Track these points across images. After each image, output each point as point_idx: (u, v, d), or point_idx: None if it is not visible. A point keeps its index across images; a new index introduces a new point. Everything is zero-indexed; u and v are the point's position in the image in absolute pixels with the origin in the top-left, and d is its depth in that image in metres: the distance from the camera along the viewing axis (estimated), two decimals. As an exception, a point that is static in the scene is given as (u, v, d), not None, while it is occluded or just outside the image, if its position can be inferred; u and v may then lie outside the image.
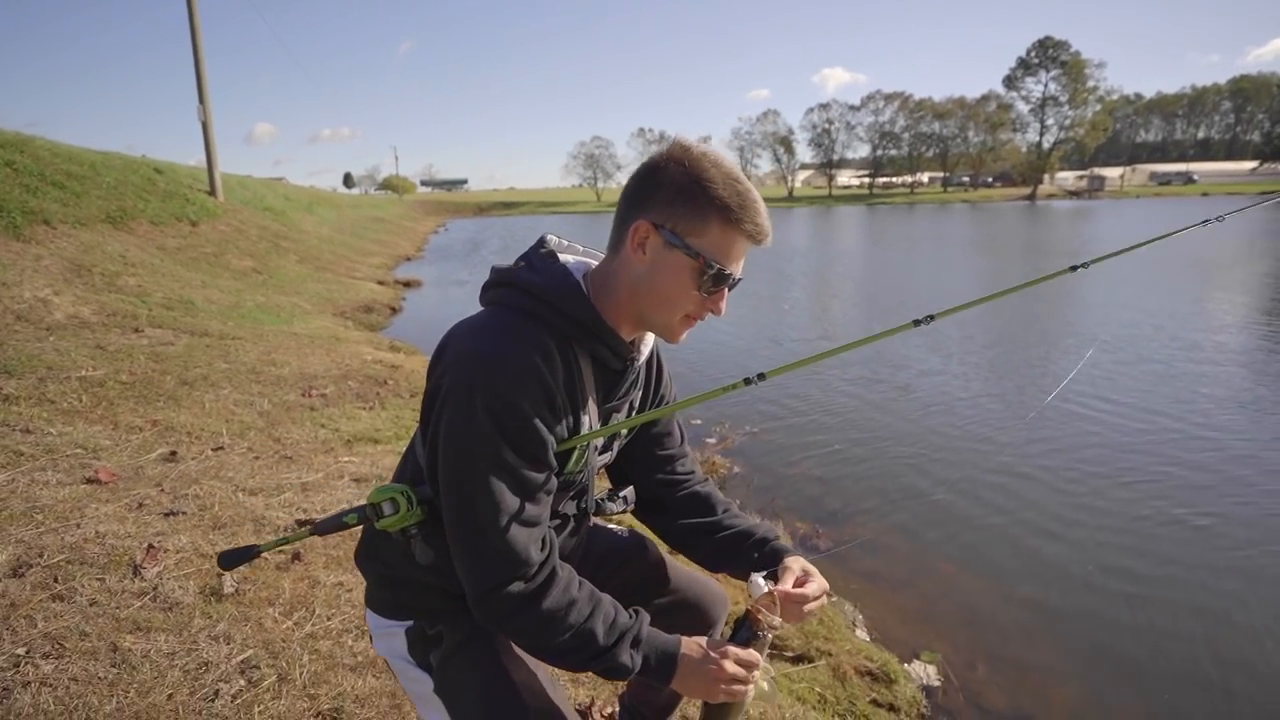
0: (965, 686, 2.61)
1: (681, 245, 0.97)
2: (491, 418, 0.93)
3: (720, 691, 1.00)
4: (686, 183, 0.96)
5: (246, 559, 1.16)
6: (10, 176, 8.01)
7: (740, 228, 0.98)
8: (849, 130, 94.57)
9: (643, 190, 0.99)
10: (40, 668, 1.62)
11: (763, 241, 1.01)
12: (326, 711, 1.66)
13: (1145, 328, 8.70)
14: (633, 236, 0.99)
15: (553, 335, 1.00)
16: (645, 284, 1.00)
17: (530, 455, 0.96)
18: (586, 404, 1.05)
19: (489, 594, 0.96)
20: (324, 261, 13.69)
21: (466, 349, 0.98)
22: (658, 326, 1.05)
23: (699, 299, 1.01)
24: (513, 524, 0.95)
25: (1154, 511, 3.97)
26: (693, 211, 0.96)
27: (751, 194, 0.98)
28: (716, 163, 0.97)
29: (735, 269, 1.01)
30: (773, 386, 6.58)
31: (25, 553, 2.10)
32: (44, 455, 2.94)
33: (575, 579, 1.02)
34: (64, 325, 5.14)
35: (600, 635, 0.98)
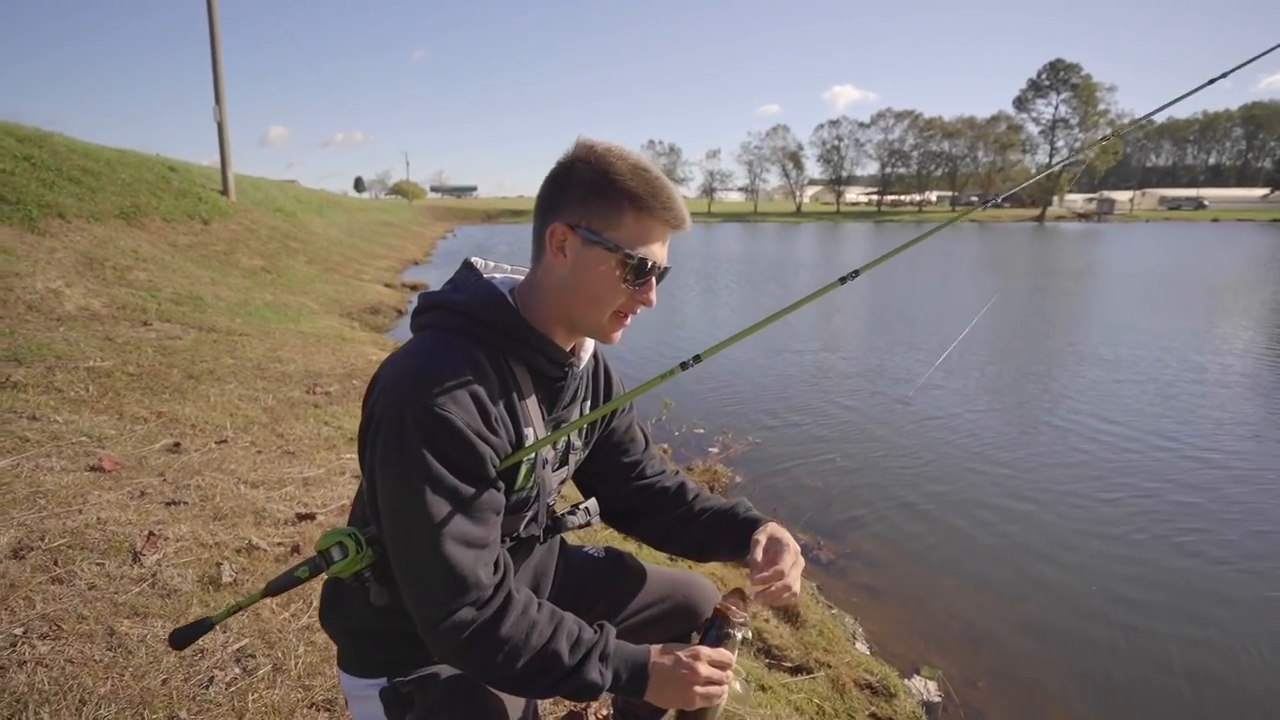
0: (966, 703, 2.58)
1: (599, 240, 0.96)
2: (424, 435, 0.89)
3: (696, 696, 0.96)
4: (595, 178, 0.95)
5: (200, 634, 1.08)
6: (28, 170, 8.11)
7: (654, 214, 0.97)
8: (858, 147, 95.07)
9: (554, 194, 0.99)
10: (37, 648, 1.62)
11: (680, 226, 1.00)
12: (320, 703, 1.65)
13: (1152, 348, 8.66)
14: (551, 241, 0.98)
15: (484, 349, 0.98)
16: (570, 286, 0.99)
17: (468, 472, 0.92)
18: (528, 416, 1.02)
19: (440, 624, 0.90)
20: (332, 263, 13.78)
21: (395, 372, 0.95)
22: (589, 327, 1.03)
23: (626, 292, 0.99)
24: (456, 545, 0.90)
25: (1158, 533, 3.93)
26: (605, 206, 0.96)
27: (660, 180, 0.97)
28: (622, 155, 0.97)
29: (658, 257, 1.00)
30: (776, 399, 6.57)
31: (26, 536, 2.10)
32: (49, 442, 2.95)
33: (533, 601, 0.98)
34: (74, 316, 5.18)
35: (565, 655, 0.94)
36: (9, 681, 1.51)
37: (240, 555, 2.26)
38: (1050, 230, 51.26)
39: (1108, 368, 7.73)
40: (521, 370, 1.03)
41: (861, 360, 8.44)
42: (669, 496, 1.28)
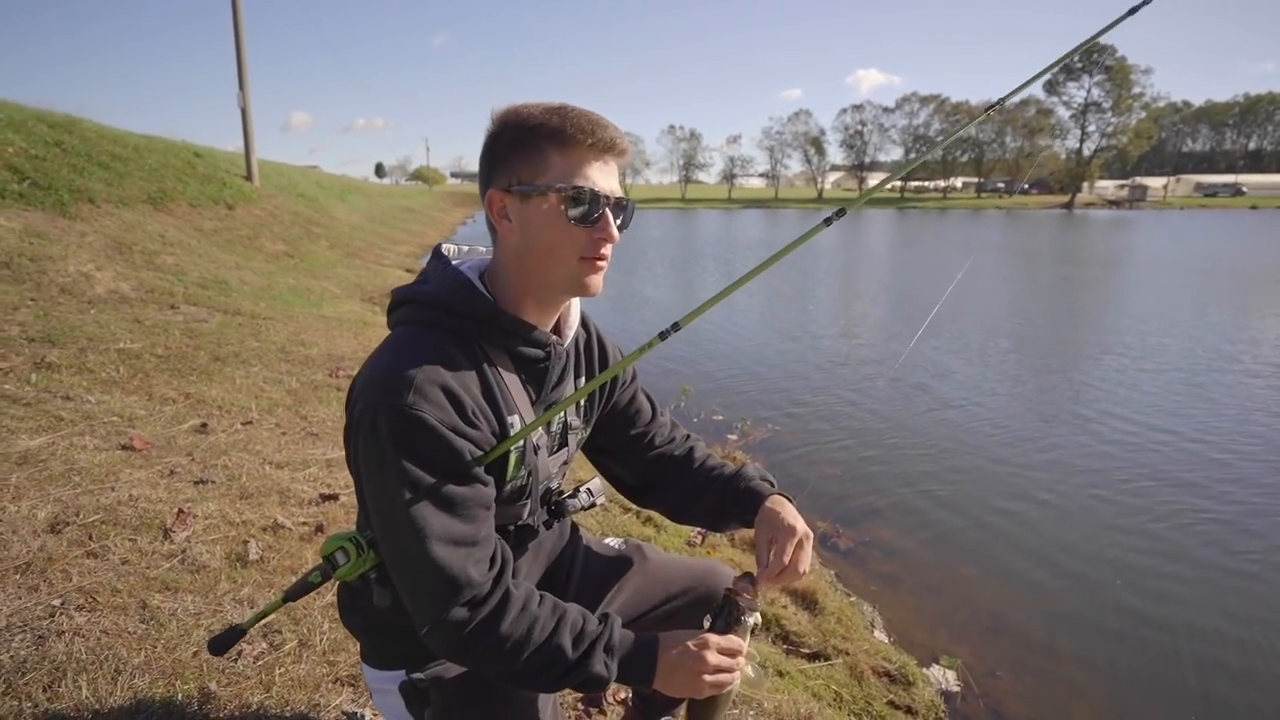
0: (985, 694, 2.56)
1: (534, 189, 0.92)
2: (397, 437, 0.87)
3: (706, 685, 0.95)
4: (512, 135, 0.93)
5: (235, 640, 1.14)
6: (59, 156, 8.26)
7: (577, 142, 0.92)
8: (882, 132, 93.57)
9: (483, 168, 0.98)
10: (74, 619, 1.67)
11: (612, 149, 0.95)
12: (344, 679, 1.68)
13: (1179, 338, 8.44)
14: (491, 211, 0.96)
15: (458, 340, 0.95)
16: (525, 249, 0.95)
17: (448, 470, 0.89)
18: (512, 403, 0.99)
19: (437, 624, 0.90)
20: (354, 248, 13.91)
21: (368, 373, 0.93)
22: (561, 284, 0.97)
23: (582, 234, 0.94)
24: (443, 546, 0.88)
25: (1185, 525, 3.85)
26: (528, 154, 0.93)
27: (576, 110, 0.93)
28: (529, 104, 0.94)
29: (599, 184, 0.94)
30: (795, 385, 6.52)
31: (63, 511, 2.16)
32: (83, 421, 3.03)
33: (534, 595, 0.96)
34: (105, 299, 5.29)
35: (569, 649, 0.92)
36: (49, 650, 1.56)
37: (266, 534, 2.31)
38: (1079, 218, 50.07)
39: (1133, 357, 7.57)
40: (501, 356, 0.99)
41: (881, 349, 8.34)
42: (679, 465, 1.26)
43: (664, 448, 1.27)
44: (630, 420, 1.23)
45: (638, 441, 1.25)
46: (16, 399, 3.10)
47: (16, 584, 1.78)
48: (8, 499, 2.18)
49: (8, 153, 7.26)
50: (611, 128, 0.94)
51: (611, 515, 3.16)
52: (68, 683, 1.49)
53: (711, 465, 1.26)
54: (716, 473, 1.24)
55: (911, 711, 2.31)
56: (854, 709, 2.22)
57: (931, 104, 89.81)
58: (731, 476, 1.21)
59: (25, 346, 3.81)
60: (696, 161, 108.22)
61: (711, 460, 1.27)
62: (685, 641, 0.96)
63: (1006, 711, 2.50)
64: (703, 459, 1.27)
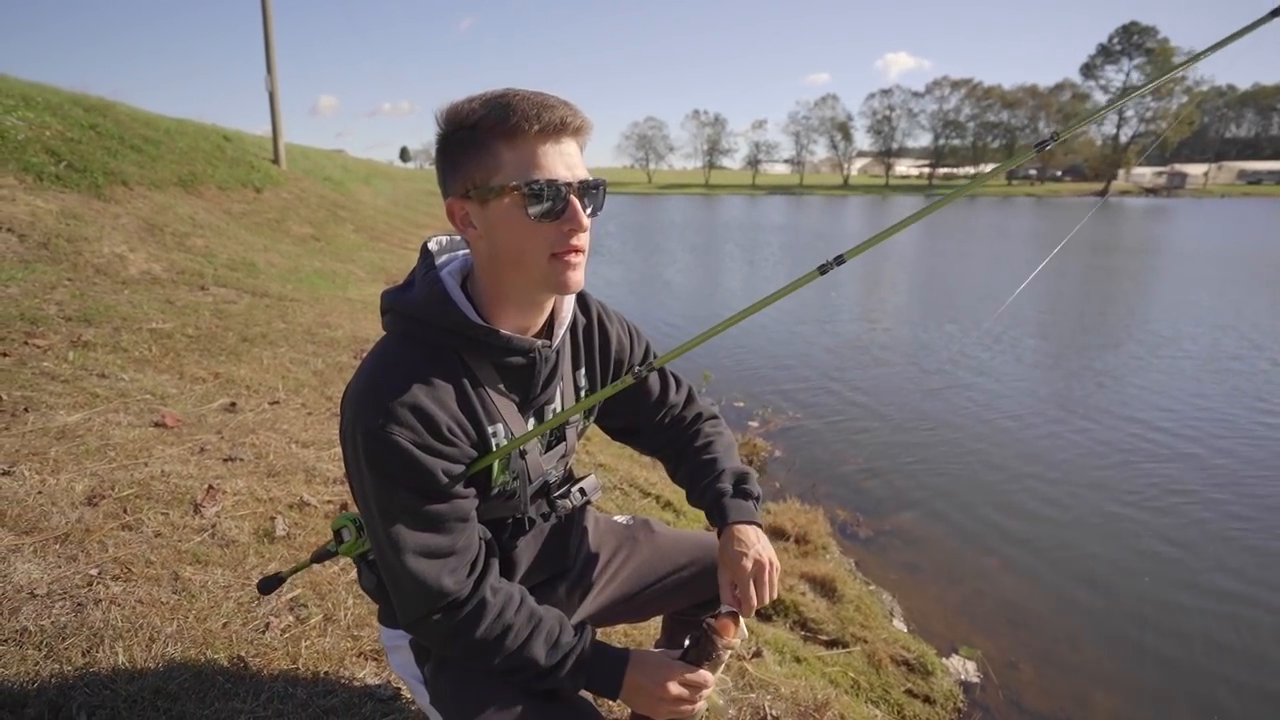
0: (1005, 685, 2.54)
1: (490, 189, 0.87)
2: (371, 458, 0.89)
3: (664, 711, 0.99)
4: (457, 136, 0.88)
5: (278, 584, 1.36)
6: (93, 139, 8.43)
7: (524, 131, 0.85)
8: (911, 118, 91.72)
9: (440, 178, 0.93)
10: (110, 588, 1.73)
11: (566, 128, 0.87)
12: (368, 653, 1.72)
13: (1211, 330, 8.19)
14: (454, 221, 0.93)
15: (437, 353, 0.94)
16: (495, 255, 0.92)
17: (420, 489, 0.91)
18: (495, 413, 0.99)
19: (414, 625, 0.96)
20: (379, 232, 14.04)
21: (353, 385, 0.95)
22: (537, 283, 0.94)
23: (550, 229, 0.89)
24: (417, 558, 0.92)
25: (1216, 522, 3.76)
26: (477, 154, 0.87)
27: (516, 96, 0.85)
28: (471, 97, 0.88)
29: (558, 173, 0.87)
30: (817, 374, 6.46)
31: (99, 485, 2.22)
32: (117, 398, 3.11)
33: (513, 602, 0.98)
34: (138, 280, 5.41)
35: (541, 658, 0.96)
36: (87, 617, 1.62)
37: (293, 510, 2.36)
38: (1114, 205, 48.66)
39: (1164, 349, 7.37)
40: (483, 365, 0.97)
41: (904, 336, 8.23)
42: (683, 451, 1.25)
43: (674, 429, 1.26)
44: (638, 402, 1.21)
45: (649, 422, 1.24)
46: (55, 375, 3.19)
47: (56, 553, 1.84)
48: (47, 472, 2.25)
49: (45, 135, 7.42)
50: (560, 106, 0.87)
51: (630, 499, 3.17)
52: (105, 649, 1.54)
53: (704, 461, 1.22)
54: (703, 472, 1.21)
55: (930, 701, 2.30)
56: (871, 696, 2.22)
57: (963, 88, 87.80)
58: (711, 483, 1.19)
59: (63, 325, 3.92)
60: (721, 147, 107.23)
61: (707, 454, 1.23)
62: (654, 666, 1.00)
63: (1026, 703, 2.48)
64: (700, 449, 1.23)
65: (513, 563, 1.12)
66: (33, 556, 1.80)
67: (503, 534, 1.10)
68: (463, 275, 1.00)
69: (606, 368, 1.17)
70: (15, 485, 2.12)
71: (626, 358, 1.19)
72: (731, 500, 1.15)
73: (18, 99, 7.93)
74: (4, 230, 5.18)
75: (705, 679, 1.01)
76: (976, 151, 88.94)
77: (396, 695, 1.57)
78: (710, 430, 1.27)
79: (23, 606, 1.62)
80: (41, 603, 1.64)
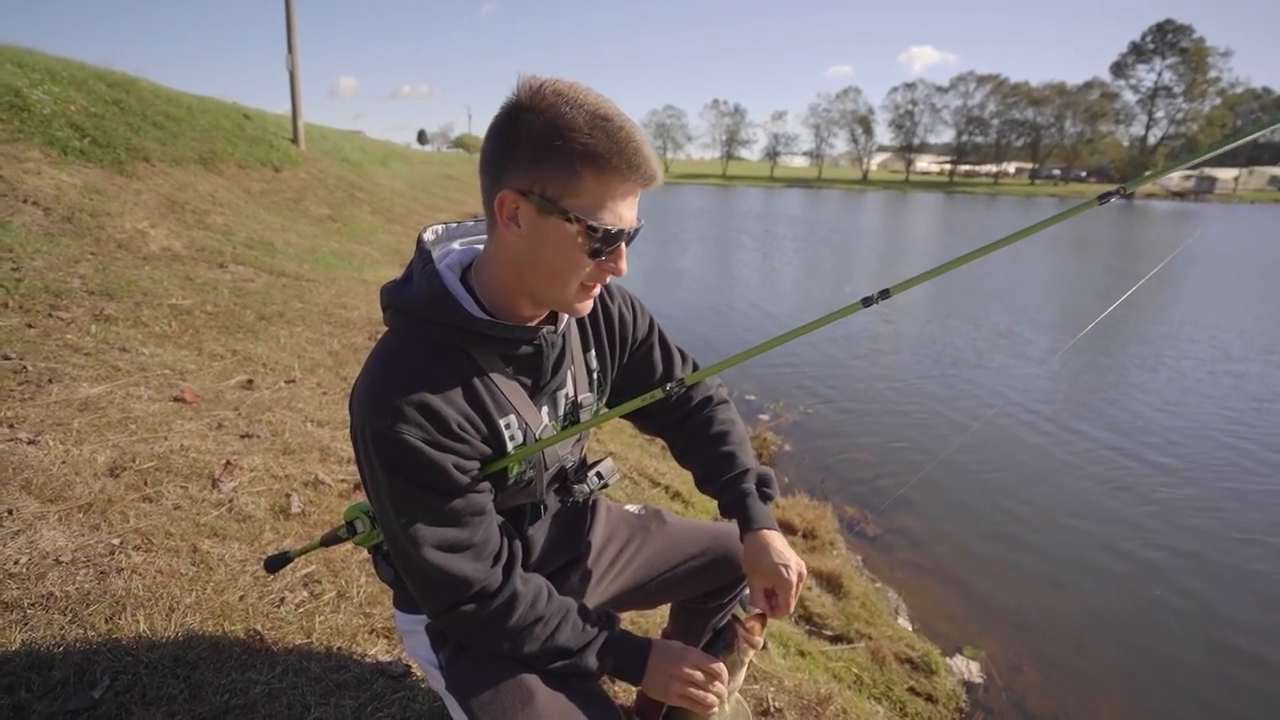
0: (1008, 687, 2.54)
1: (557, 210, 0.84)
2: (382, 458, 0.89)
3: (674, 695, 1.01)
4: (545, 133, 0.81)
5: (285, 563, 1.34)
6: (117, 115, 8.51)
7: (619, 174, 0.83)
8: (934, 113, 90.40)
9: (499, 153, 0.85)
10: (132, 558, 1.77)
11: (650, 183, 0.87)
12: (380, 630, 1.75)
13: (1230, 337, 8.06)
14: (500, 211, 0.87)
15: (440, 349, 0.93)
16: (529, 260, 0.89)
17: (434, 486, 0.91)
18: (506, 404, 0.98)
19: (441, 617, 0.97)
20: (395, 214, 14.08)
21: (360, 383, 0.94)
22: (554, 303, 0.94)
23: (592, 265, 0.89)
24: (436, 552, 0.92)
25: (1228, 532, 3.72)
26: (560, 167, 0.82)
27: (624, 131, 0.82)
28: (576, 102, 0.82)
29: (626, 221, 0.87)
30: (829, 369, 6.44)
31: (120, 457, 2.27)
32: (138, 372, 3.16)
33: (542, 593, 0.99)
34: (158, 256, 5.48)
35: (571, 646, 0.98)
36: (109, 585, 1.66)
37: (308, 488, 2.39)
38: (1139, 209, 47.82)
39: (1180, 355, 7.27)
40: (488, 357, 0.96)
41: (916, 335, 8.17)
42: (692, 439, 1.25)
43: (678, 409, 1.24)
44: (645, 380, 1.20)
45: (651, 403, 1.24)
46: (78, 348, 3.25)
47: (80, 522, 1.88)
48: (71, 442, 2.30)
49: (70, 110, 7.50)
50: (653, 157, 0.86)
51: (640, 488, 3.19)
52: (127, 616, 1.58)
53: (723, 453, 1.21)
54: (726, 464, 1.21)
55: (932, 699, 2.31)
56: (874, 693, 2.23)
57: (989, 84, 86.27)
58: (734, 480, 1.19)
59: (85, 299, 3.98)
60: (739, 138, 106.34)
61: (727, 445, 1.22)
62: (673, 650, 1.02)
63: (1029, 706, 2.48)
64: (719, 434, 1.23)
65: (528, 548, 1.13)
66: (58, 524, 1.85)
67: (519, 520, 1.11)
68: (462, 267, 0.98)
69: (614, 345, 1.16)
70: (41, 454, 2.17)
71: (631, 331, 1.17)
72: (757, 504, 1.16)
73: (44, 73, 8.01)
74: (29, 204, 5.26)
75: (722, 670, 1.02)
76: (999, 149, 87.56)
77: (407, 673, 1.60)
78: (723, 417, 1.26)
79: (49, 572, 1.66)
80: (66, 569, 1.69)
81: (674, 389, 1.02)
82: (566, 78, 0.85)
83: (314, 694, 1.48)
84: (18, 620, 1.51)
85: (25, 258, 4.28)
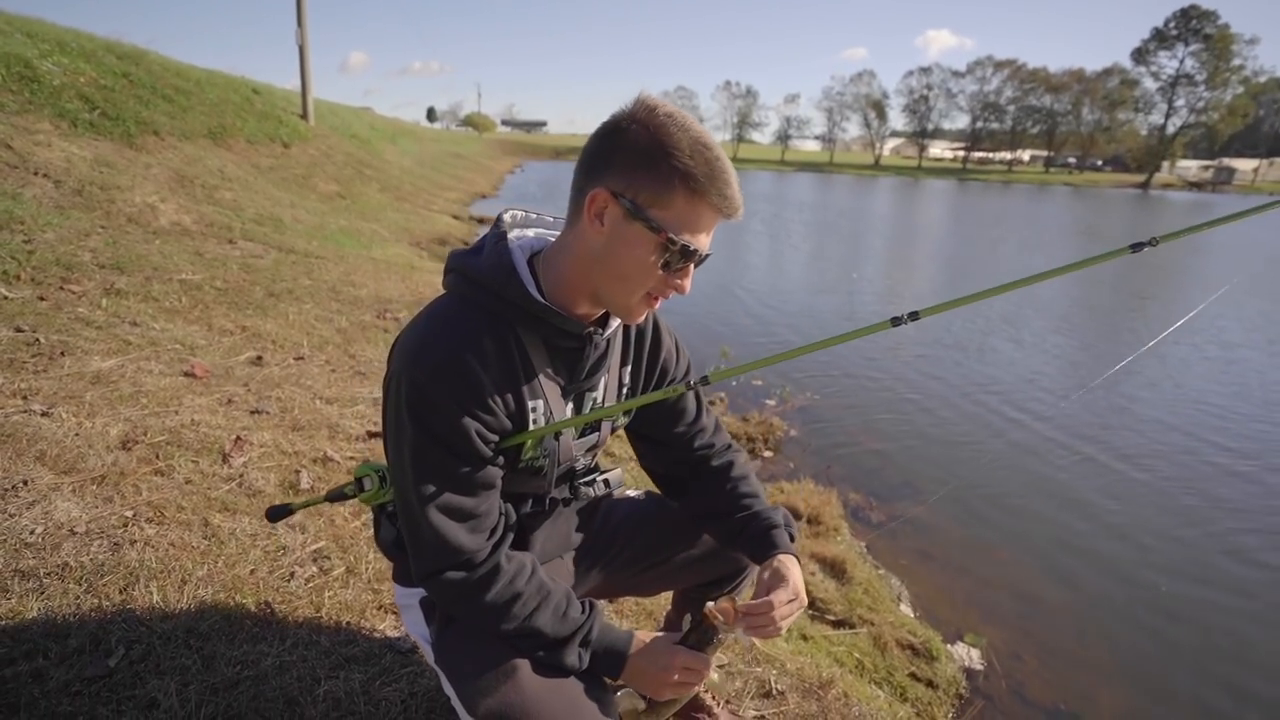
0: (1009, 675, 2.56)
1: (643, 218, 0.88)
2: (412, 412, 0.92)
3: (665, 691, 1.04)
4: (650, 147, 0.87)
5: (286, 514, 1.31)
6: (126, 87, 8.47)
7: (708, 200, 0.89)
8: (949, 98, 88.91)
9: (601, 154, 0.91)
10: (144, 530, 1.79)
11: (733, 215, 0.92)
12: (388, 606, 1.77)
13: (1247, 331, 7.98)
14: (589, 206, 0.91)
15: (490, 321, 0.96)
16: (602, 259, 0.93)
17: (454, 449, 0.93)
18: (538, 390, 1.00)
19: (427, 579, 0.98)
20: (404, 192, 14.04)
21: (406, 336, 0.97)
22: (615, 305, 0.98)
23: (662, 277, 0.93)
24: (440, 515, 0.94)
25: (1240, 528, 3.71)
26: (656, 180, 0.88)
27: (721, 162, 0.89)
28: (684, 126, 0.88)
29: (702, 244, 0.92)
30: (840, 355, 6.41)
31: (132, 430, 2.29)
32: (149, 347, 3.18)
33: (524, 571, 1.00)
34: (168, 231, 5.48)
35: (547, 630, 0.98)
36: (123, 557, 1.68)
37: (316, 465, 2.41)
38: (1155, 199, 47.17)
39: (1189, 347, 7.20)
40: (534, 341, 1.00)
41: (926, 325, 8.11)
42: (711, 477, 1.25)
43: (700, 452, 1.26)
44: (672, 417, 1.22)
45: (676, 439, 1.24)
46: (89, 321, 3.27)
47: (93, 494, 1.91)
48: (84, 415, 2.32)
49: (79, 82, 7.47)
50: (739, 191, 0.92)
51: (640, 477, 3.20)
52: (140, 588, 1.60)
53: (743, 492, 1.24)
54: (745, 503, 1.23)
55: (932, 685, 2.33)
56: (875, 677, 2.25)
57: (1006, 69, 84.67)
58: (757, 515, 1.21)
59: (96, 272, 4.00)
60: (751, 120, 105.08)
61: (745, 485, 1.25)
62: (657, 651, 1.03)
63: (1029, 694, 2.50)
64: (737, 480, 1.25)
65: (529, 540, 1.14)
66: (72, 496, 1.87)
67: (524, 509, 1.12)
68: (530, 253, 1.01)
69: (652, 373, 1.19)
70: (54, 426, 2.19)
71: (672, 369, 1.21)
72: (783, 533, 1.19)
73: (53, 44, 7.97)
74: (40, 176, 5.26)
75: (704, 663, 1.03)
76: (1014, 137, 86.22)
77: (414, 648, 1.62)
78: (742, 463, 1.29)
79: (64, 543, 1.69)
80: (81, 540, 1.71)
81: (695, 383, 1.06)
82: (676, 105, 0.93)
83: (323, 667, 1.50)
84: (35, 589, 1.54)
85: (36, 230, 4.29)
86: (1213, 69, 72.09)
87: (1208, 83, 73.11)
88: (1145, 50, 75.69)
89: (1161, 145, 74.83)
